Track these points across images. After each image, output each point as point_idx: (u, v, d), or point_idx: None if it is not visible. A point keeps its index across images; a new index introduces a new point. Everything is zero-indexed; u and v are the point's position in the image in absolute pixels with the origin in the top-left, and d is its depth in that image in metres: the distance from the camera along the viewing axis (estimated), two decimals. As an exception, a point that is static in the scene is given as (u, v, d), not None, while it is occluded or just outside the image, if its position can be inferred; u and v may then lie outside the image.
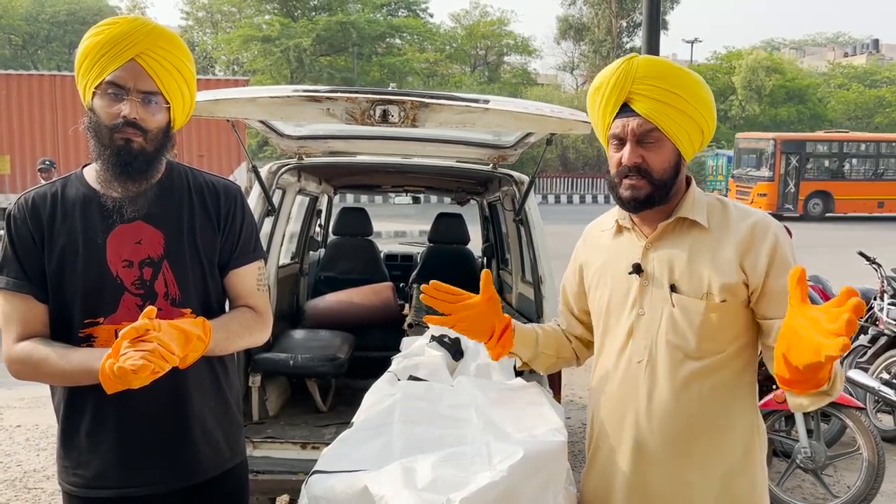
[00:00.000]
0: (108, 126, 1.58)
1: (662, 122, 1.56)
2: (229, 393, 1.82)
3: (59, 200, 1.65)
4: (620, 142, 1.61)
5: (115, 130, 1.57)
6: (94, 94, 1.59)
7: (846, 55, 64.71)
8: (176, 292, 1.67)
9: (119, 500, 1.68)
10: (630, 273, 1.66)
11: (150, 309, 1.47)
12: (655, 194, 1.60)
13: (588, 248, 1.84)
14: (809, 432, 3.79)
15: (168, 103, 1.63)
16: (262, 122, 3.18)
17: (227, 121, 2.97)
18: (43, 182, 1.74)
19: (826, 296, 5.38)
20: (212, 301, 1.75)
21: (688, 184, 1.68)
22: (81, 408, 1.66)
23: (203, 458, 1.74)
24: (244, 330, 1.74)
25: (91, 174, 1.68)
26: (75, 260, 1.62)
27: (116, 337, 1.44)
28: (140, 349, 1.40)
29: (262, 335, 1.82)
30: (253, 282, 1.81)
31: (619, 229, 1.75)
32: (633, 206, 1.63)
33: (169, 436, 1.69)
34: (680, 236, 1.64)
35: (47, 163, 9.68)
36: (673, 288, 1.61)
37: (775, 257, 1.56)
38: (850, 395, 4.00)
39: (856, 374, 4.50)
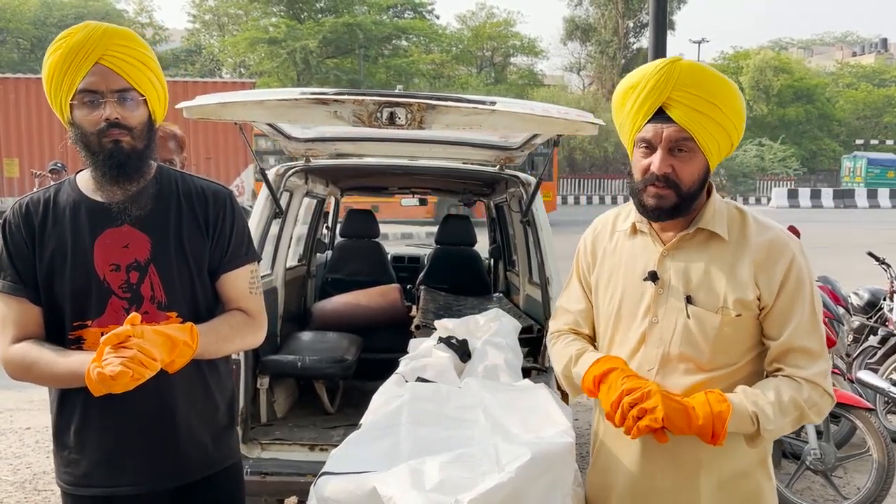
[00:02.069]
0: (94, 133, 1.60)
1: (698, 131, 1.52)
2: (220, 396, 1.82)
3: (52, 206, 1.68)
4: (650, 148, 1.56)
5: (102, 135, 1.60)
6: (71, 106, 1.61)
7: (854, 54, 64.44)
8: (162, 296, 1.69)
9: (108, 499, 1.70)
10: (645, 280, 1.64)
11: (134, 315, 1.50)
12: (681, 205, 1.56)
13: (597, 248, 1.78)
14: (819, 434, 3.77)
15: (143, 96, 1.65)
16: (269, 124, 3.19)
17: (235, 123, 2.98)
18: (52, 183, 1.77)
19: (835, 297, 5.32)
20: (200, 305, 1.76)
21: (708, 192, 1.64)
22: (71, 407, 1.69)
23: (188, 461, 1.75)
24: (235, 334, 1.75)
25: (83, 180, 1.71)
26: (64, 264, 1.65)
27: None
28: (120, 355, 1.42)
29: (255, 338, 1.83)
30: (245, 285, 1.81)
31: (635, 231, 1.70)
32: (657, 215, 1.58)
33: (152, 437, 1.70)
34: (699, 247, 1.61)
35: (59, 165, 9.69)
36: (689, 299, 1.58)
37: (789, 277, 1.55)
38: (860, 396, 3.97)
39: (865, 375, 4.47)
